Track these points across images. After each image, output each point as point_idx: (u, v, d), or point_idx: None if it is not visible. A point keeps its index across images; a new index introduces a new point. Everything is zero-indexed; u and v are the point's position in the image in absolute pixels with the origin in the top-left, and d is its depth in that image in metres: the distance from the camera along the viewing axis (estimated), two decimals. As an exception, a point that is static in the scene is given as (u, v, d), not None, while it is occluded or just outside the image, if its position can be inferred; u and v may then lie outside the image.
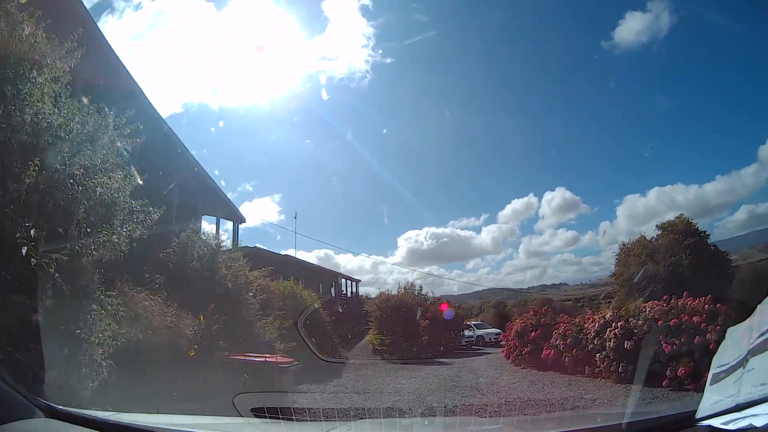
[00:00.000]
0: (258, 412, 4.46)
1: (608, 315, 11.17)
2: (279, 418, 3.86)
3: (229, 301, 10.12)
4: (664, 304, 10.19)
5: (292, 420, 4.57)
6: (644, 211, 43.05)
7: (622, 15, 42.76)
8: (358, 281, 37.40)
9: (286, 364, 8.85)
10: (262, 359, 8.64)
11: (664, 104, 38.40)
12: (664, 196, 42.47)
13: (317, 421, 4.16)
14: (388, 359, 16.48)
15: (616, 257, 19.55)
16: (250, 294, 11.38)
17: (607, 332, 10.66)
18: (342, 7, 40.33)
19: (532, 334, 13.84)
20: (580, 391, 9.61)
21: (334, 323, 17.81)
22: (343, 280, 36.15)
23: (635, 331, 10.06)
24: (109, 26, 30.08)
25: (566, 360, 11.91)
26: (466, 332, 23.54)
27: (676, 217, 18.52)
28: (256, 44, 32.08)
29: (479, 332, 25.03)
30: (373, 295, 26.22)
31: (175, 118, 33.13)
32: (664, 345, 9.13)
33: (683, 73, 38.09)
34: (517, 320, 16.06)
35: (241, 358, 8.60)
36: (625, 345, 9.98)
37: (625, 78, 41.14)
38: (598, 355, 10.77)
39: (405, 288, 20.44)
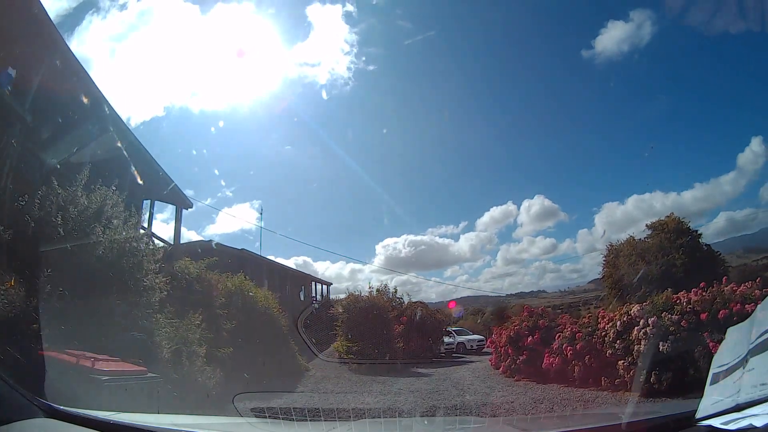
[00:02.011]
0: (258, 412, 4.87)
1: (634, 310, 10.46)
2: (279, 418, 4.25)
3: (94, 275, 8.31)
4: (704, 293, 9.80)
5: (292, 420, 5.01)
6: (622, 218, 48.89)
7: (604, 24, 47.78)
8: (329, 285, 39.04)
9: (109, 374, 6.54)
10: (73, 360, 6.61)
11: (644, 113, 43.69)
12: (643, 204, 47.72)
13: (317, 420, 4.55)
14: (355, 370, 16.49)
15: (604, 258, 20.57)
16: (148, 276, 9.50)
17: (634, 332, 10.06)
18: (326, 14, 45.09)
19: (529, 339, 13.44)
20: (606, 411, 8.38)
21: (296, 328, 17.68)
22: (314, 284, 37.60)
23: (671, 329, 9.44)
24: (93, 26, 35.43)
25: (575, 369, 11.37)
26: (446, 339, 24.11)
27: (666, 217, 19.57)
28: (239, 49, 35.57)
29: (460, 339, 26.00)
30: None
31: (156, 122, 39.19)
32: (711, 344, 8.40)
33: (663, 82, 43.82)
34: (506, 323, 15.94)
35: (53, 354, 6.54)
36: (660, 347, 9.25)
37: (606, 87, 48.08)
38: (621, 362, 10.15)
39: (378, 289, 20.75)
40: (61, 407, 2.36)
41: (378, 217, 67.67)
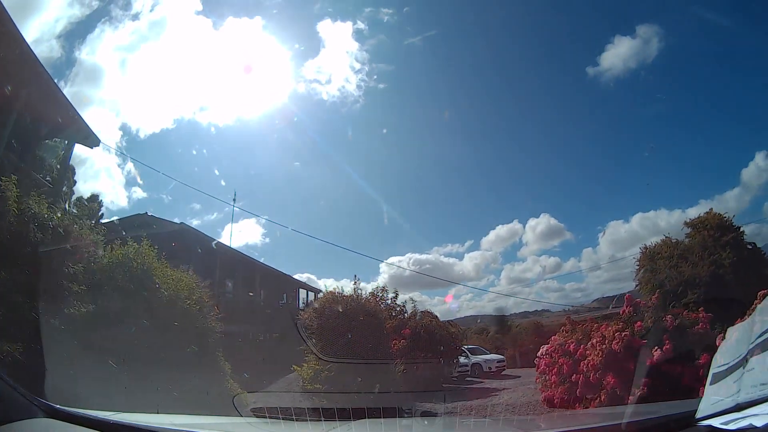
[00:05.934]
0: (258, 412, 5.37)
1: None
2: (279, 418, 4.75)
3: None
4: None
5: (292, 420, 5.55)
6: (627, 237, 53.43)
7: (610, 40, 53.00)
8: (317, 292, 39.01)
9: None
10: None
11: (649, 130, 47.14)
12: (647, 222, 52.06)
13: (317, 420, 5.02)
14: (325, 408, 10.17)
15: (637, 263, 21.08)
16: None
17: None
18: (336, 31, 50.75)
19: (657, 354, 9.32)
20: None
21: (249, 342, 16.39)
22: (299, 291, 38.41)
23: None
24: (105, 35, 40.74)
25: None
26: (460, 359, 23.48)
27: (705, 213, 20.05)
28: (250, 64, 40.95)
29: (476, 359, 25.82)
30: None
31: (165, 134, 45.43)
32: None
33: (667, 98, 47.06)
34: (564, 331, 12.68)
35: None
36: None
37: (611, 105, 51.97)
38: None
39: (372, 291, 17.84)
40: (61, 407, 2.75)
41: (383, 235, 73.84)
